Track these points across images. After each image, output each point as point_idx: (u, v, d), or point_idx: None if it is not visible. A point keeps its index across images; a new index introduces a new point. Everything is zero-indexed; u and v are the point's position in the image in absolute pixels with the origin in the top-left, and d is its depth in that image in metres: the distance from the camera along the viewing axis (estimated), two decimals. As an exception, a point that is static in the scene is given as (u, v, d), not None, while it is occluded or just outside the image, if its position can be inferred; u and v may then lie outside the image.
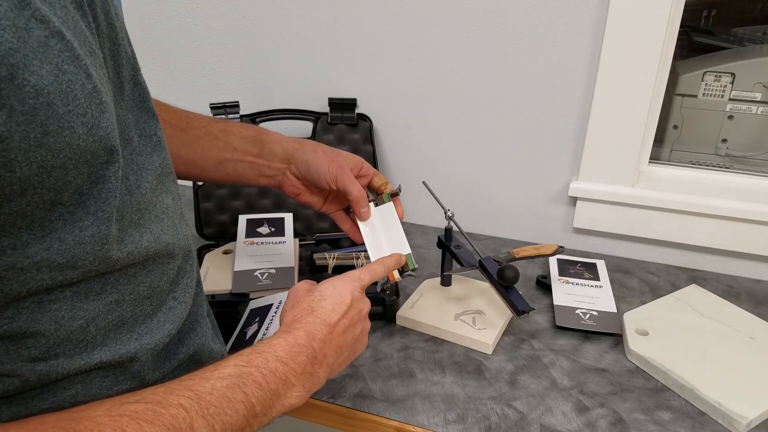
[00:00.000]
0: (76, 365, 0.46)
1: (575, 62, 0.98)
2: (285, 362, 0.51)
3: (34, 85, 0.34)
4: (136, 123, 0.51)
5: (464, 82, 1.05)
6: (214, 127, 0.74)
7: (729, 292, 0.97)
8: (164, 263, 0.52)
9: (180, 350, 0.57)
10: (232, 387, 0.47)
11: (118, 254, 0.45)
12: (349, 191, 0.73)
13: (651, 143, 1.05)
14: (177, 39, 1.19)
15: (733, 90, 1.04)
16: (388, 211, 0.77)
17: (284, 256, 0.96)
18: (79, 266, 0.42)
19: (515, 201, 1.12)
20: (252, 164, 0.75)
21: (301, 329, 0.55)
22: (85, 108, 0.38)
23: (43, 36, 0.35)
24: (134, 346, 0.50)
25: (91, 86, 0.39)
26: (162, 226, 0.51)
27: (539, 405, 0.73)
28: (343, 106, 1.11)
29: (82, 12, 0.41)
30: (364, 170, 0.77)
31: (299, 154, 0.74)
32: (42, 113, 0.35)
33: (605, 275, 0.98)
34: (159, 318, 0.53)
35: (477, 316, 0.87)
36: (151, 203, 0.50)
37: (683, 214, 1.00)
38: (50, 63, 0.36)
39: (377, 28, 1.06)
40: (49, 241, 0.40)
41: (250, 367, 0.49)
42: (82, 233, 0.41)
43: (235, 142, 0.74)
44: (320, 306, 0.58)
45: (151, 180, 0.50)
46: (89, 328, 0.46)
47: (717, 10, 1.11)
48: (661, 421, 0.71)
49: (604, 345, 0.84)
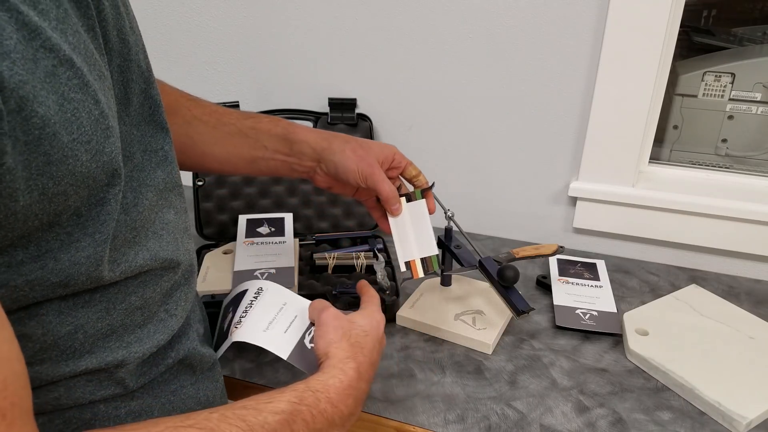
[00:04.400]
0: (61, 371, 0.45)
1: (575, 62, 0.98)
2: (335, 405, 0.51)
3: (42, 116, 0.34)
4: (141, 138, 0.50)
5: (464, 82, 1.05)
6: (243, 123, 0.73)
7: (729, 292, 0.97)
8: (159, 276, 0.51)
9: (169, 356, 0.56)
10: (282, 423, 0.47)
11: (110, 275, 0.44)
12: (380, 191, 0.72)
13: (651, 143, 1.05)
14: (177, 39, 1.19)
15: (733, 90, 1.04)
16: (420, 208, 0.76)
17: (284, 256, 0.96)
18: (71, 285, 0.42)
19: (515, 201, 1.12)
20: (284, 162, 0.74)
21: (353, 369, 0.54)
22: (90, 135, 0.38)
23: (50, 65, 0.35)
24: (122, 354, 0.49)
25: (99, 112, 0.39)
26: (161, 243, 0.51)
27: (539, 405, 0.73)
28: (343, 106, 1.11)
29: (93, 34, 0.41)
30: (396, 161, 0.75)
31: (327, 155, 0.72)
32: (46, 143, 0.35)
33: (605, 275, 0.98)
34: (149, 329, 0.52)
35: (477, 316, 0.87)
36: (149, 220, 0.49)
37: (683, 214, 1.00)
38: (56, 92, 0.35)
39: (377, 28, 1.06)
40: (44, 261, 0.39)
41: (302, 406, 0.49)
42: (78, 254, 0.41)
43: (265, 140, 0.73)
44: (366, 343, 0.58)
45: (151, 196, 0.49)
46: (77, 335, 0.45)
47: (717, 10, 1.11)
48: (661, 421, 0.71)
49: (604, 345, 0.84)
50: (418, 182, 0.78)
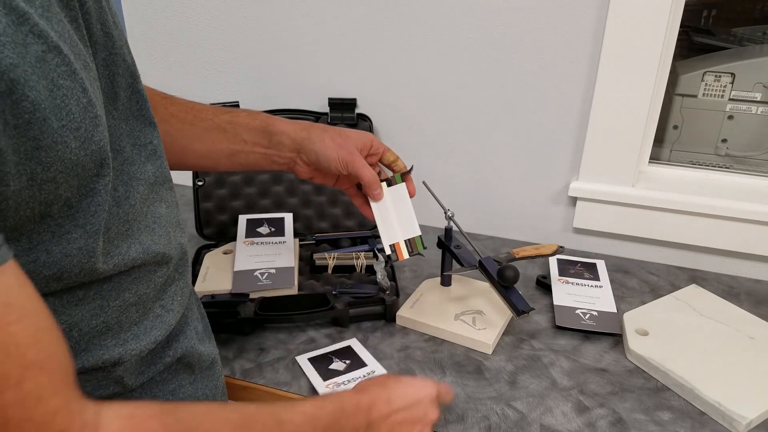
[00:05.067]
0: None
1: (575, 62, 0.98)
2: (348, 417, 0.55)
3: (32, 101, 0.35)
4: (130, 132, 0.50)
5: (464, 83, 1.05)
6: (220, 118, 0.74)
7: (729, 292, 0.97)
8: (152, 271, 0.52)
9: (167, 354, 0.56)
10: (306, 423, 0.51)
11: (104, 267, 0.45)
12: (361, 176, 0.73)
13: (651, 143, 1.05)
14: (177, 39, 1.19)
15: (733, 90, 1.04)
16: (401, 191, 0.78)
17: (284, 256, 0.96)
18: (65, 278, 0.42)
19: (515, 201, 1.12)
20: (263, 155, 0.75)
21: (367, 398, 0.58)
22: (78, 122, 0.38)
23: (40, 51, 0.35)
24: (119, 352, 0.49)
25: (86, 100, 0.39)
26: (153, 237, 0.51)
27: (539, 405, 0.73)
28: (343, 106, 1.11)
29: (76, 25, 0.41)
30: (374, 148, 0.76)
31: (307, 144, 0.73)
32: (36, 128, 0.35)
33: (605, 275, 0.98)
34: (146, 325, 0.52)
35: (477, 316, 0.87)
36: (142, 213, 0.49)
37: (683, 214, 1.00)
38: (46, 78, 0.35)
39: (377, 28, 1.06)
40: (36, 254, 0.39)
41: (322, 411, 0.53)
42: (70, 246, 0.41)
43: (243, 134, 0.74)
44: (393, 388, 0.60)
45: (142, 190, 0.49)
46: (72, 333, 0.45)
47: (717, 10, 1.12)
48: (661, 421, 0.71)
49: (604, 345, 0.84)
50: (397, 167, 0.79)
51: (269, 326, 0.87)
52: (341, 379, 0.76)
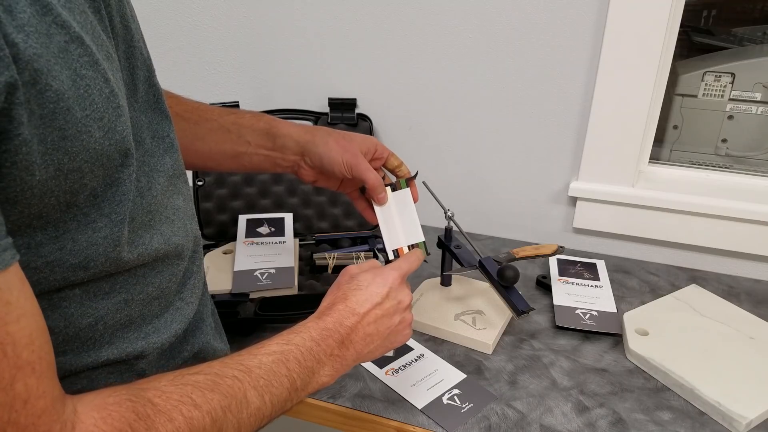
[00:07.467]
0: (83, 362, 0.46)
1: (575, 62, 0.98)
2: (318, 343, 0.54)
3: (56, 90, 0.35)
4: (149, 125, 0.51)
5: (464, 82, 1.05)
6: (225, 119, 0.74)
7: (729, 292, 0.97)
8: (173, 264, 0.52)
9: (185, 348, 0.57)
10: (277, 362, 0.50)
11: (129, 256, 0.45)
12: (366, 179, 0.72)
13: (651, 143, 1.05)
14: (177, 39, 1.19)
15: (733, 90, 1.04)
16: (405, 196, 0.77)
17: (284, 256, 0.96)
18: (91, 267, 0.43)
19: (515, 201, 1.12)
20: (267, 157, 0.75)
21: (330, 316, 0.57)
22: (102, 112, 0.39)
23: (63, 41, 0.35)
24: (141, 345, 0.50)
25: (109, 90, 0.39)
26: (172, 228, 0.52)
27: (539, 405, 0.73)
28: (343, 106, 1.11)
29: (99, 16, 0.41)
30: (378, 152, 0.76)
31: (311, 147, 0.73)
32: (61, 117, 0.36)
33: (605, 275, 0.98)
34: (166, 318, 0.53)
35: (477, 316, 0.87)
36: (162, 205, 0.50)
37: (683, 214, 1.00)
38: (69, 68, 0.36)
39: (377, 28, 1.06)
40: (62, 242, 0.40)
41: (291, 345, 0.52)
42: (95, 234, 0.41)
43: (247, 135, 0.74)
44: (353, 295, 0.59)
45: (162, 182, 0.50)
46: (98, 326, 0.46)
47: (717, 10, 1.12)
48: (661, 421, 0.71)
49: (604, 345, 0.84)
50: (401, 172, 0.78)
51: (269, 326, 0.87)
52: (341, 379, 0.76)
